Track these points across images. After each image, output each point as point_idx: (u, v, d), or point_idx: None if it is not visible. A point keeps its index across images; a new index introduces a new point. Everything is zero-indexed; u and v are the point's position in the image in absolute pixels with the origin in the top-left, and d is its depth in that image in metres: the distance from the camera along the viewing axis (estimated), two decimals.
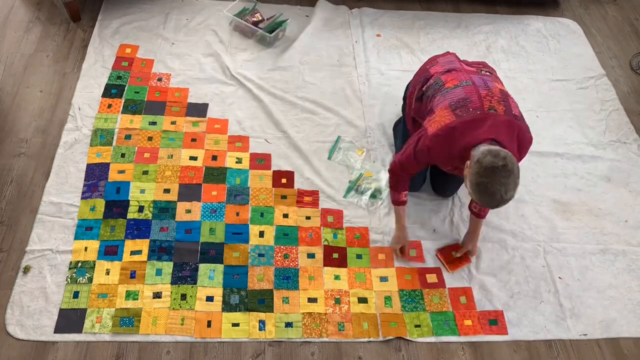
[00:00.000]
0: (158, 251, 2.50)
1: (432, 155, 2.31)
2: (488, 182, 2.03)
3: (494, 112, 2.25)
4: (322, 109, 3.15)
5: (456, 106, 2.29)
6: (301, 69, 3.35)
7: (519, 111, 2.36)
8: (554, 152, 3.11)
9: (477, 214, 2.56)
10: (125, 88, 3.07)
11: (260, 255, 2.55)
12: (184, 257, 2.50)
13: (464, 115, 2.24)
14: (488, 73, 2.50)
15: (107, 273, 2.42)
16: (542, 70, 3.53)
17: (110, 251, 2.48)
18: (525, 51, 3.65)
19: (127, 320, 2.30)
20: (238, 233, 2.61)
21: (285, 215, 2.70)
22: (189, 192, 2.71)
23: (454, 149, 2.24)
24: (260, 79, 3.24)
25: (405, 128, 2.81)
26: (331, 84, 3.29)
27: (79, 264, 2.42)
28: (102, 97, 3.01)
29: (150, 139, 2.87)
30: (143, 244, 2.52)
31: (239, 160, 2.86)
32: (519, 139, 2.29)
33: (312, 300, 2.45)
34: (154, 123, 2.94)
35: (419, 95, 2.57)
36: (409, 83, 2.78)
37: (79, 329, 2.26)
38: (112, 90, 3.05)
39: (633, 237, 2.83)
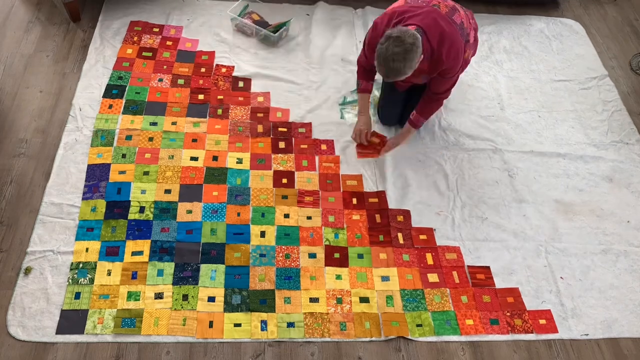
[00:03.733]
0: (159, 252, 2.50)
1: (371, 34, 2.60)
2: (381, 49, 2.34)
3: (436, 9, 2.51)
4: (325, 110, 3.17)
5: None
6: (306, 68, 3.35)
7: (462, 22, 2.58)
8: (556, 153, 3.12)
9: (412, 122, 2.83)
10: (126, 88, 3.07)
11: (262, 255, 2.55)
12: (185, 258, 2.50)
13: (410, 3, 2.57)
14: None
15: (109, 274, 2.42)
16: (545, 70, 3.53)
17: (112, 252, 2.48)
18: (527, 51, 3.65)
19: (129, 321, 2.30)
20: (239, 233, 2.61)
21: (286, 215, 2.70)
22: (190, 192, 2.71)
23: (388, 27, 2.51)
24: (265, 78, 3.26)
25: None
26: (335, 84, 3.29)
27: (80, 265, 2.42)
28: (103, 97, 3.01)
29: (151, 139, 2.87)
30: (144, 245, 2.51)
31: (240, 161, 2.86)
32: (446, 37, 2.47)
33: (313, 300, 2.45)
34: (154, 123, 2.94)
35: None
36: None
37: (80, 330, 2.26)
38: (113, 91, 3.04)
39: (635, 238, 2.83)
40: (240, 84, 3.22)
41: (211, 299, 2.40)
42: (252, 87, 3.22)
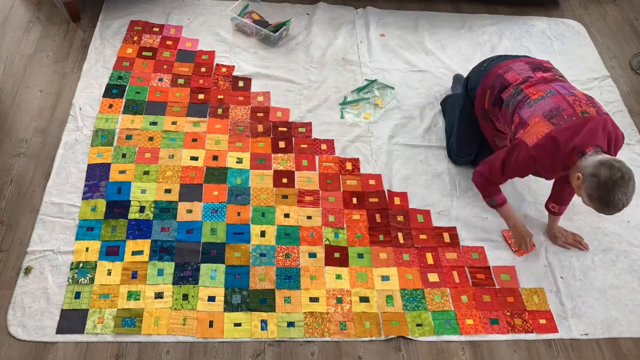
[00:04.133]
0: (159, 251, 2.50)
1: (538, 165, 2.35)
2: (610, 195, 2.13)
3: (588, 116, 2.30)
4: (325, 110, 3.17)
5: (550, 115, 2.34)
6: (306, 67, 3.36)
7: (604, 109, 2.40)
8: None
9: (556, 213, 2.69)
10: (126, 88, 3.07)
11: (262, 255, 2.55)
12: (186, 257, 2.50)
13: (561, 124, 2.30)
14: (561, 77, 2.55)
15: (109, 273, 2.41)
16: None
17: (112, 251, 2.47)
18: (529, 52, 3.63)
19: (129, 320, 2.30)
20: (239, 233, 2.60)
21: (287, 215, 2.70)
22: (190, 192, 2.71)
23: (557, 158, 2.30)
24: (265, 77, 3.26)
25: (463, 114, 2.86)
26: (336, 84, 3.29)
27: (81, 265, 2.42)
28: (103, 97, 3.01)
29: (151, 139, 2.87)
30: (144, 244, 2.51)
31: (240, 160, 2.86)
32: (614, 135, 2.34)
33: (313, 299, 2.45)
34: (154, 123, 2.94)
35: (496, 100, 2.59)
36: (472, 76, 2.77)
37: (80, 329, 2.25)
38: (113, 90, 3.04)
39: (635, 238, 2.82)
40: (240, 83, 3.22)
41: (211, 299, 2.39)
42: (252, 87, 3.21)
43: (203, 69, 3.24)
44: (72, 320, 2.27)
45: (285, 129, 3.03)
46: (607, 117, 2.34)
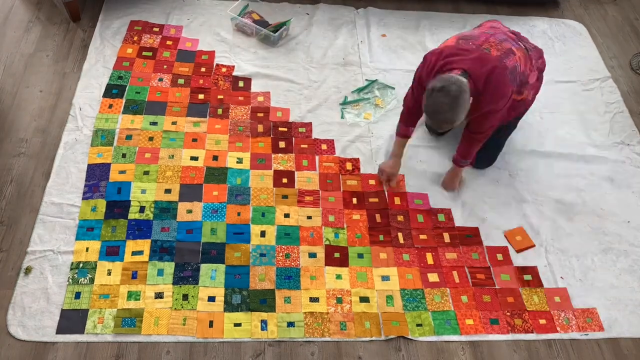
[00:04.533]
0: (159, 251, 2.50)
1: (421, 67, 2.56)
2: (427, 100, 2.32)
3: (485, 53, 2.46)
4: (325, 110, 3.17)
5: (463, 37, 2.56)
6: (306, 67, 3.36)
7: (516, 66, 2.51)
8: (557, 153, 3.11)
9: (455, 162, 2.79)
10: (127, 88, 3.07)
11: (262, 255, 2.55)
12: (186, 257, 2.50)
13: (459, 44, 2.51)
14: (521, 44, 2.64)
15: (109, 273, 2.42)
16: (547, 71, 3.46)
17: (112, 252, 2.48)
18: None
19: (129, 320, 2.30)
20: (239, 233, 2.60)
21: (287, 215, 2.70)
22: (190, 192, 2.71)
23: (435, 67, 2.47)
24: (265, 77, 3.27)
25: None
26: (336, 83, 3.29)
27: (81, 265, 2.42)
28: (103, 97, 3.01)
29: (151, 139, 2.87)
30: (144, 244, 2.51)
31: (240, 160, 2.86)
32: (491, 81, 2.40)
33: (313, 299, 2.45)
34: (154, 123, 2.94)
35: None
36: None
37: (81, 329, 2.26)
38: (113, 90, 3.05)
39: (635, 238, 2.82)
40: (241, 83, 3.22)
41: (211, 299, 2.40)
42: (252, 87, 3.21)
43: (203, 69, 3.24)
44: (72, 320, 2.27)
45: (285, 129, 3.03)
46: (500, 65, 2.42)
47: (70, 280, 2.37)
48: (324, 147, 3.00)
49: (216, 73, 3.23)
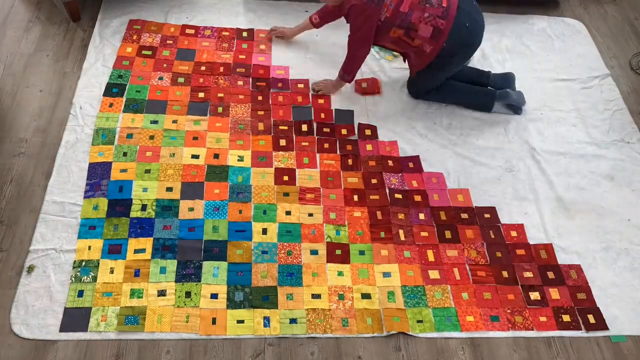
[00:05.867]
0: (162, 249, 2.50)
1: None
2: None
3: None
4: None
5: None
6: (306, 66, 3.38)
7: (403, 8, 2.79)
8: (557, 151, 3.12)
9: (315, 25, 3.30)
10: (127, 87, 3.07)
11: (264, 252, 2.56)
12: (188, 255, 2.50)
13: None
14: None
15: (111, 272, 2.42)
16: (547, 69, 3.53)
17: (114, 250, 2.48)
18: (529, 51, 3.65)
19: (132, 318, 2.30)
20: (241, 230, 2.61)
21: (288, 213, 2.71)
22: (192, 190, 2.71)
23: None
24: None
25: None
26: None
27: (83, 263, 2.42)
28: (103, 96, 3.01)
29: (151, 137, 2.87)
30: (147, 243, 2.52)
31: (241, 158, 2.87)
32: None
33: (315, 296, 2.46)
34: (155, 122, 2.94)
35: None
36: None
37: (84, 327, 2.26)
38: (113, 89, 3.05)
39: (636, 236, 2.83)
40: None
41: (214, 296, 2.40)
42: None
43: (203, 68, 3.24)
44: (75, 319, 2.27)
45: (286, 127, 3.03)
46: None
47: (73, 279, 2.37)
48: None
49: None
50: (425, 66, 3.00)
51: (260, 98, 3.15)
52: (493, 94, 3.21)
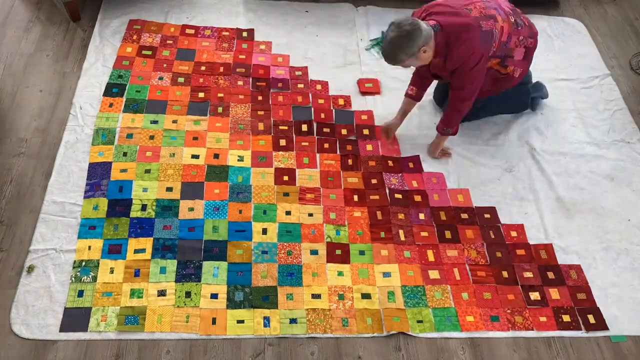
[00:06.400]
0: (162, 249, 2.50)
1: None
2: (383, 34, 2.56)
3: (466, 11, 2.59)
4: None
5: None
6: (306, 65, 3.39)
7: (493, 31, 2.62)
8: (557, 151, 3.12)
9: (437, 129, 2.93)
10: (127, 87, 3.08)
11: (264, 252, 2.56)
12: (188, 255, 2.50)
13: (448, 3, 2.64)
14: (511, 18, 2.74)
15: (111, 272, 2.42)
16: (547, 69, 3.52)
17: (114, 250, 2.48)
18: None
19: (132, 318, 2.30)
20: (241, 230, 2.61)
21: (288, 213, 2.71)
22: (192, 190, 2.71)
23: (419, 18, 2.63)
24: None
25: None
26: (336, 82, 3.31)
27: (83, 263, 2.42)
28: (103, 96, 3.02)
29: (151, 137, 2.87)
30: (147, 242, 2.52)
31: (241, 158, 2.87)
32: (460, 37, 2.55)
33: (315, 296, 2.45)
34: (155, 122, 2.94)
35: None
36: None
37: (84, 327, 2.26)
38: (113, 89, 3.05)
39: (636, 236, 2.82)
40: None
41: (214, 296, 2.40)
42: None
43: (203, 68, 3.25)
44: (75, 319, 2.27)
45: (286, 127, 3.04)
46: (473, 25, 2.56)
47: (73, 279, 2.37)
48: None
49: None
50: (504, 90, 2.94)
51: (260, 98, 3.15)
52: (527, 91, 3.18)
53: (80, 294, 2.34)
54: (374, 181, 2.88)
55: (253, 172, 2.83)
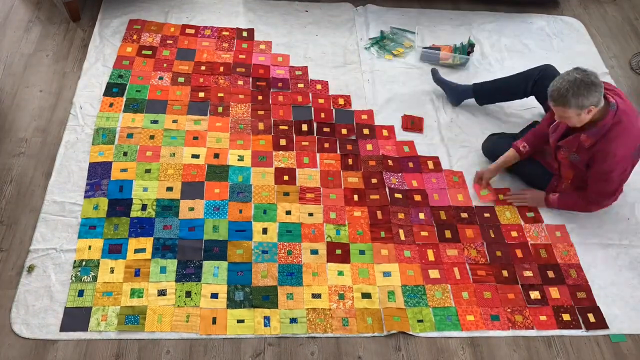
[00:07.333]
0: (162, 249, 2.51)
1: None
2: (563, 73, 2.42)
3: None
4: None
5: None
6: (306, 65, 3.39)
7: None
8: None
9: (549, 203, 2.81)
10: (127, 87, 3.08)
11: (264, 252, 2.56)
12: (188, 255, 2.50)
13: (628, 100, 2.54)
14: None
15: (112, 271, 2.42)
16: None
17: (114, 249, 2.48)
18: (528, 49, 3.65)
19: (133, 318, 2.30)
20: (241, 230, 2.61)
21: (288, 212, 2.71)
22: (192, 190, 2.71)
23: None
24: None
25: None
26: (335, 82, 3.31)
27: (83, 263, 2.42)
28: (103, 95, 3.02)
29: (152, 137, 2.88)
30: (147, 242, 2.52)
31: (241, 158, 2.87)
32: (626, 129, 2.44)
33: (316, 296, 2.46)
34: (155, 121, 2.95)
35: None
36: None
37: (84, 327, 2.26)
38: (113, 89, 3.05)
39: (635, 235, 2.82)
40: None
41: (214, 296, 2.40)
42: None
43: (203, 68, 3.25)
44: (75, 318, 2.27)
45: (286, 127, 3.04)
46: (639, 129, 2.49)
47: (73, 278, 2.38)
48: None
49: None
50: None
51: (260, 98, 3.15)
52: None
53: (81, 293, 2.34)
54: (374, 181, 2.88)
55: (253, 172, 2.83)
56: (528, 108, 3.24)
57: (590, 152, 2.50)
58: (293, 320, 2.37)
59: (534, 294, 2.57)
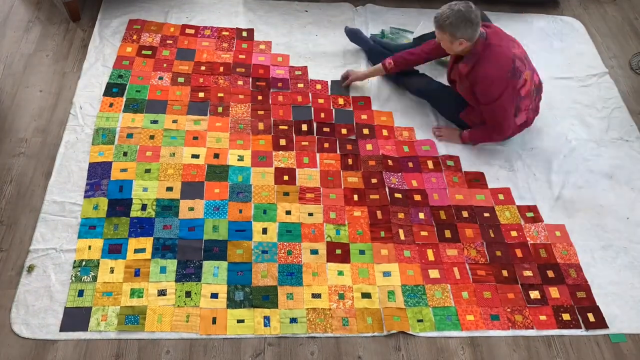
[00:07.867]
0: (162, 249, 2.51)
1: None
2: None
3: (512, 44, 2.79)
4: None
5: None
6: (306, 65, 3.38)
7: (520, 71, 2.76)
8: (557, 150, 3.12)
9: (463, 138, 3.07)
10: (127, 87, 3.08)
11: (264, 252, 2.56)
12: (188, 255, 2.51)
13: (502, 31, 2.85)
14: (537, 87, 2.97)
15: (112, 271, 2.42)
16: (545, 68, 3.50)
17: (114, 249, 2.48)
18: (528, 49, 3.59)
19: (132, 318, 2.30)
20: (241, 230, 2.61)
21: (288, 212, 2.71)
22: (192, 189, 2.72)
23: None
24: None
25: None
26: (335, 82, 3.31)
27: (83, 263, 2.43)
28: (103, 95, 3.02)
29: (152, 137, 2.88)
30: (147, 242, 2.52)
31: (241, 158, 2.87)
32: (496, 56, 2.71)
33: (316, 296, 2.46)
34: (155, 122, 2.95)
35: None
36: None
37: (84, 327, 2.26)
38: (113, 89, 3.05)
39: (634, 234, 2.83)
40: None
41: (214, 296, 2.40)
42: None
43: (203, 68, 3.25)
44: (75, 318, 2.28)
45: (286, 127, 3.04)
46: (511, 56, 2.72)
47: (73, 278, 2.38)
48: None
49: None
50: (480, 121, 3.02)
51: (260, 98, 3.16)
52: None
53: (81, 293, 2.34)
54: (374, 181, 2.88)
55: (253, 172, 2.83)
56: None
57: (469, 79, 2.78)
58: (293, 320, 2.37)
59: (534, 294, 2.57)
